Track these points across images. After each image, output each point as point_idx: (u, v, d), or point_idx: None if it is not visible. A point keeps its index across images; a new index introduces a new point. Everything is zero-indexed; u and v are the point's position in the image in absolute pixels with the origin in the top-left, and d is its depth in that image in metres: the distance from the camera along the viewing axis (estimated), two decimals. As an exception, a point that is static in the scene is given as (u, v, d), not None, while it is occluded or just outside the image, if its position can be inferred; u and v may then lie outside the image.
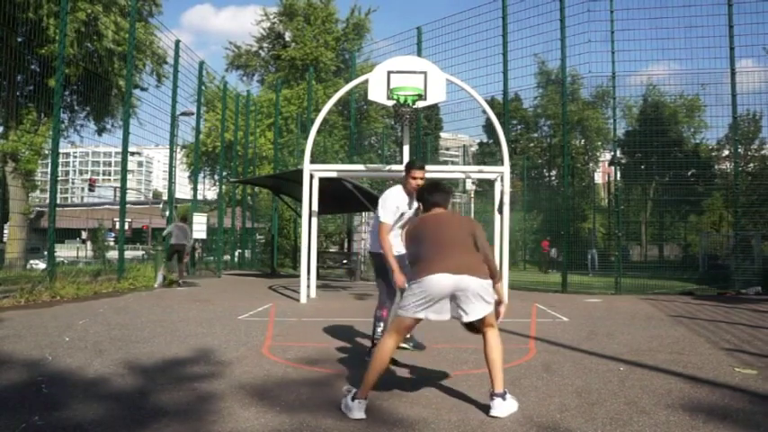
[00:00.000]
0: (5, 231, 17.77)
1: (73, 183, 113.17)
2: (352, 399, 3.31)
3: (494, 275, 3.47)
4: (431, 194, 3.80)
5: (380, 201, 4.99)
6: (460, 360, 4.96)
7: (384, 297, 5.04)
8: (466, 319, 3.36)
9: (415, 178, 4.82)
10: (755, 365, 4.73)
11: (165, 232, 13.69)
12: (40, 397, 3.63)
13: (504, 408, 3.34)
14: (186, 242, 12.70)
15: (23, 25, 15.31)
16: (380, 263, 4.89)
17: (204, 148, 25.63)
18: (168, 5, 57.87)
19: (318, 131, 12.29)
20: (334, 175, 11.31)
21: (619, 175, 18.94)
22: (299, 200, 12.93)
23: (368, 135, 29.10)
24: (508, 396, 3.41)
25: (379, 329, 4.89)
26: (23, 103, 17.24)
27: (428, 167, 5.30)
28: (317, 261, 12.71)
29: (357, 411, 3.26)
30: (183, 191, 21.75)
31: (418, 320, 3.45)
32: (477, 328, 3.46)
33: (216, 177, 25.82)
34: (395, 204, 4.87)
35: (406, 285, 3.63)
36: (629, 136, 24.90)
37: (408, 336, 4.81)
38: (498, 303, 3.54)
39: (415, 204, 4.83)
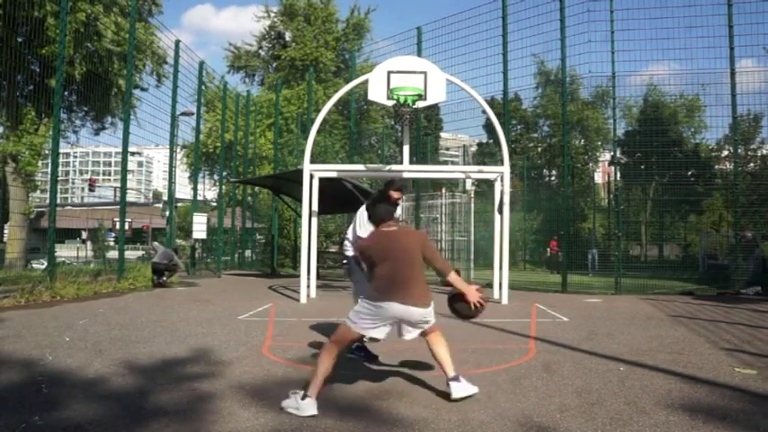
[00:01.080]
0: (6, 231, 17.78)
1: (73, 183, 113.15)
2: (302, 398, 3.39)
3: (443, 273, 3.85)
4: (377, 210, 3.96)
5: (359, 218, 5.17)
6: (460, 360, 4.96)
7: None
8: (406, 338, 3.80)
9: (391, 198, 4.85)
10: (755, 365, 4.73)
11: (153, 251, 13.84)
12: (40, 397, 3.63)
13: (461, 389, 3.64)
14: (166, 262, 12.49)
15: (24, 25, 15.31)
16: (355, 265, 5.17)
17: (204, 149, 25.65)
18: (169, 5, 57.98)
19: (318, 131, 12.29)
20: (334, 175, 11.31)
21: (619, 175, 18.94)
22: (299, 200, 12.93)
23: (368, 135, 29.12)
24: (462, 378, 3.70)
25: None
26: (23, 104, 17.23)
27: (428, 167, 5.36)
28: (317, 261, 12.71)
29: (310, 408, 3.35)
30: (183, 191, 21.75)
31: (362, 337, 3.84)
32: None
33: (216, 177, 25.84)
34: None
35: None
36: (628, 136, 24.89)
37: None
38: (461, 294, 3.89)
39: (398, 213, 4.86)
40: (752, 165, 23.69)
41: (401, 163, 10.62)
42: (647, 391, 3.88)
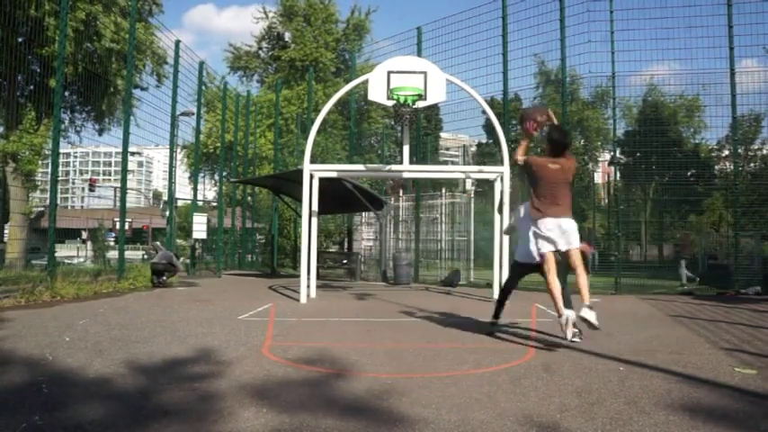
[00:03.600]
0: (6, 231, 17.77)
1: (73, 183, 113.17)
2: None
3: None
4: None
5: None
6: (460, 360, 4.97)
7: None
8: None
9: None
10: (755, 365, 4.74)
11: (154, 251, 13.89)
12: (40, 397, 3.64)
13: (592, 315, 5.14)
14: (164, 263, 12.48)
15: (24, 25, 15.31)
16: None
17: (205, 149, 25.66)
18: (170, 5, 57.99)
19: (318, 132, 12.29)
20: (334, 175, 11.32)
21: (618, 175, 18.94)
22: (299, 200, 12.93)
23: (368, 135, 29.12)
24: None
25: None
26: (23, 104, 17.23)
27: (428, 167, 5.43)
28: (317, 261, 12.71)
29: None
30: (184, 191, 21.75)
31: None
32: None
33: (216, 177, 25.84)
34: None
35: None
36: (628, 136, 24.87)
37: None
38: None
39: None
40: (752, 165, 23.70)
41: (401, 163, 10.63)
42: (647, 391, 3.89)
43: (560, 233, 5.45)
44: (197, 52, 17.35)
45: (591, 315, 5.15)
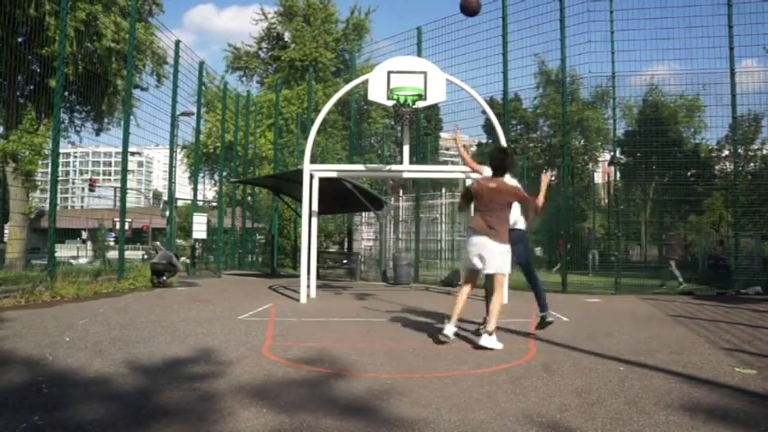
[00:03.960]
0: (6, 231, 17.77)
1: (73, 183, 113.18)
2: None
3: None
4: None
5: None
6: (460, 360, 4.97)
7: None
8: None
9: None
10: (755, 365, 4.74)
11: (154, 251, 13.91)
12: (40, 397, 3.63)
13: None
14: (164, 263, 12.47)
15: (24, 25, 15.31)
16: None
17: (205, 149, 25.65)
18: (170, 4, 58.03)
19: (319, 132, 12.29)
20: (334, 175, 11.32)
21: (618, 175, 18.94)
22: (299, 200, 12.93)
23: (368, 135, 29.12)
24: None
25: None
26: (23, 104, 17.23)
27: (428, 167, 5.52)
28: (317, 261, 12.71)
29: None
30: (184, 191, 21.75)
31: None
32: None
33: (216, 177, 25.83)
34: None
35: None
36: (628, 136, 24.87)
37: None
38: None
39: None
40: (752, 165, 23.69)
41: (401, 163, 10.63)
42: (647, 391, 3.88)
43: (478, 252, 5.55)
44: (197, 52, 17.36)
45: (488, 341, 5.32)
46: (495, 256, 5.47)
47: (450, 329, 5.54)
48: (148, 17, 20.26)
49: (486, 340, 5.30)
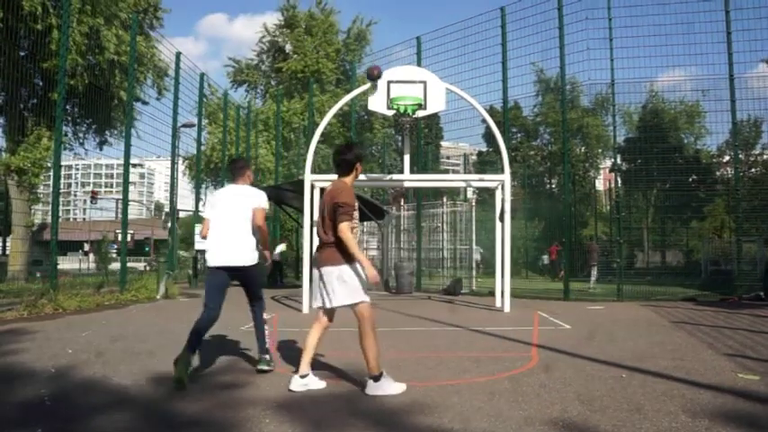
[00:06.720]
0: (8, 244, 17.80)
1: (75, 195, 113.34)
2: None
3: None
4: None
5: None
6: (463, 368, 4.97)
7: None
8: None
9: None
10: (758, 371, 4.73)
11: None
12: (43, 409, 3.64)
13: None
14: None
15: (27, 38, 15.42)
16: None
17: (209, 163, 25.67)
18: (182, 14, 58.26)
19: (320, 142, 12.34)
20: (335, 184, 11.32)
21: (620, 181, 18.96)
22: (301, 210, 12.95)
23: (369, 144, 29.19)
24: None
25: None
26: (27, 117, 17.29)
27: (429, 176, 5.41)
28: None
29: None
30: (185, 202, 21.77)
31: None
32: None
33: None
34: None
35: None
36: (629, 143, 24.90)
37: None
38: None
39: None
40: (753, 170, 23.68)
41: (402, 172, 10.66)
42: (650, 398, 3.88)
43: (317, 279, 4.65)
44: (208, 62, 17.61)
45: (296, 384, 4.17)
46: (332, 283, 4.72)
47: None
48: (149, 30, 20.38)
49: (295, 383, 4.21)
